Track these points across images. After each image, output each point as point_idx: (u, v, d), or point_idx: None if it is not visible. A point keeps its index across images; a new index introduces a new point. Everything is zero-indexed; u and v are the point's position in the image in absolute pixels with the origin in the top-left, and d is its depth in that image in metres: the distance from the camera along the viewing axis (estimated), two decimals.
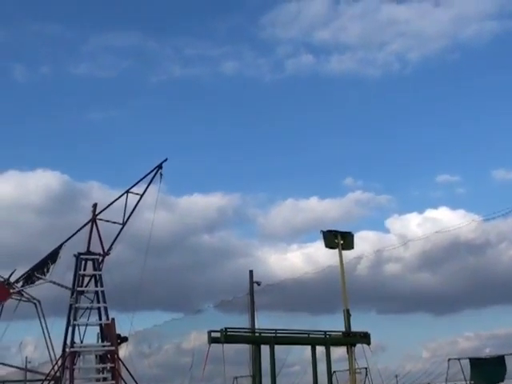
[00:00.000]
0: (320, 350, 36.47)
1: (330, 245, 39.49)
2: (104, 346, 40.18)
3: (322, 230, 39.75)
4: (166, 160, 43.41)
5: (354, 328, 37.61)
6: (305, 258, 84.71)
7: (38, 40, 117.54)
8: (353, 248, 39.91)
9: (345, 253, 39.22)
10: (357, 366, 36.85)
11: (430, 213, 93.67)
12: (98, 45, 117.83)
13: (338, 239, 39.13)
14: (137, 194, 42.93)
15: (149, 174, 43.04)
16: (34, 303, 43.42)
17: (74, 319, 40.04)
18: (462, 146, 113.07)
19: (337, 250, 38.71)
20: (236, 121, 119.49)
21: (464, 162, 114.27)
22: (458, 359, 36.96)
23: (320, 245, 39.77)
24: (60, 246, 41.97)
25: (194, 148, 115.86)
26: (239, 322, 40.02)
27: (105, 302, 40.81)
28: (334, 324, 39.14)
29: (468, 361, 36.82)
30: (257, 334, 36.61)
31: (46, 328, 43.28)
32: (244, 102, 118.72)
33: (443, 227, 44.11)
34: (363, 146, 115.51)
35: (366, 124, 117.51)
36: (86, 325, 41.29)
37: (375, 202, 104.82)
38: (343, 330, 37.43)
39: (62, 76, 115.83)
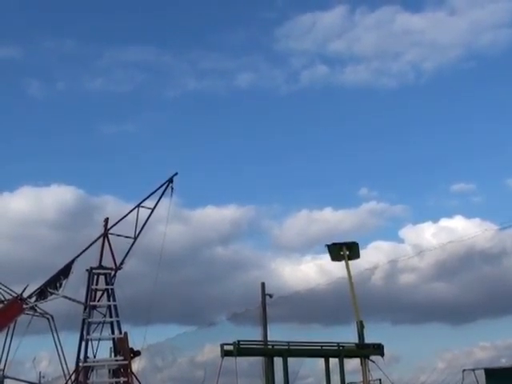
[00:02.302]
0: (333, 361, 36.23)
1: (336, 258, 39.30)
2: (117, 361, 40.25)
3: (326, 244, 39.61)
4: (176, 174, 43.74)
5: (368, 339, 37.38)
6: (318, 270, 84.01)
7: (53, 56, 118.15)
8: (359, 257, 39.68)
9: (359, 263, 39.15)
10: (370, 378, 36.54)
11: (445, 222, 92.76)
12: (113, 60, 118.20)
13: (344, 251, 38.95)
14: (148, 208, 43.10)
15: (159, 188, 43.25)
16: (47, 318, 43.51)
17: (87, 334, 40.20)
18: (477, 155, 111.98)
19: (356, 262, 38.71)
20: (250, 133, 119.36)
21: (479, 170, 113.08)
22: (473, 370, 36.50)
23: None
24: (72, 261, 42.17)
25: (209, 160, 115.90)
26: (252, 334, 39.77)
27: (117, 316, 40.98)
28: (347, 335, 38.89)
29: (483, 371, 36.36)
30: (269, 347, 36.39)
31: (59, 343, 43.35)
32: (259, 114, 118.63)
33: (458, 236, 43.82)
34: (378, 156, 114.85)
35: (380, 134, 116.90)
36: (99, 339, 41.49)
37: (390, 212, 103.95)
38: (357, 341, 37.20)
39: (78, 91, 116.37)
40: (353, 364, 39.09)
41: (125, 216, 43.05)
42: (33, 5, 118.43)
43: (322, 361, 36.28)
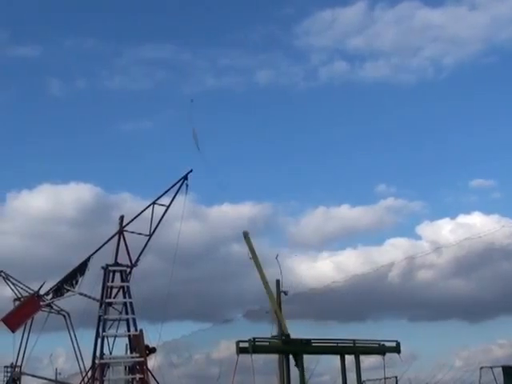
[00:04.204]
0: (349, 358, 36.03)
1: None
2: (133, 358, 40.33)
3: None
4: (191, 171, 43.57)
5: (385, 336, 37.26)
6: (335, 266, 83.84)
7: (73, 54, 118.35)
8: None
9: (375, 259, 38.82)
10: (387, 376, 36.33)
11: (463, 218, 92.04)
12: (132, 57, 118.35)
13: None
14: (163, 205, 43.05)
15: (174, 185, 43.18)
16: (64, 315, 43.82)
17: (103, 331, 40.31)
18: (497, 151, 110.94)
19: (372, 259, 38.42)
20: (268, 129, 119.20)
21: (499, 166, 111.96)
22: (491, 367, 36.09)
23: (350, 253, 39.34)
24: (88, 258, 42.34)
25: (226, 157, 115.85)
26: (268, 330, 39.65)
27: (133, 313, 41.04)
28: (364, 332, 38.72)
29: (501, 369, 35.96)
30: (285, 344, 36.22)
31: (76, 340, 43.75)
32: (277, 111, 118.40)
33: (476, 233, 43.36)
34: (397, 152, 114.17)
35: (399, 130, 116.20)
36: (115, 336, 41.55)
37: (408, 208, 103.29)
38: (374, 338, 37.07)
39: (97, 89, 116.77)
40: (369, 361, 38.94)
41: (140, 213, 43.08)
42: (52, 4, 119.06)
43: (338, 358, 36.10)
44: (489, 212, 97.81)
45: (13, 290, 43.37)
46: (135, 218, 42.83)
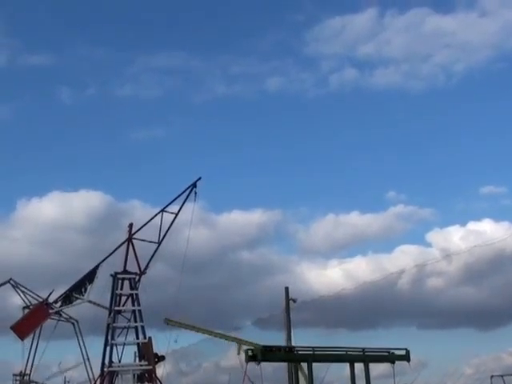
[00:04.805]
0: (359, 367, 35.85)
1: None
2: (141, 365, 40.24)
3: None
4: (199, 179, 43.60)
5: (394, 344, 37.06)
6: (344, 274, 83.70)
7: (84, 63, 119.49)
8: None
9: (385, 266, 38.64)
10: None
11: (473, 225, 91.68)
12: (143, 66, 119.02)
13: None
14: (172, 213, 43.04)
15: (183, 192, 43.19)
16: (72, 323, 43.87)
17: (112, 338, 40.25)
18: (507, 157, 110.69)
19: (382, 266, 38.24)
20: (277, 136, 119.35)
21: (509, 172, 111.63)
22: (502, 376, 35.90)
23: (360, 260, 39.19)
24: (97, 266, 42.31)
25: (235, 165, 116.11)
26: (277, 338, 39.52)
27: (142, 320, 40.98)
28: (373, 340, 38.46)
29: None
30: (294, 352, 36.09)
31: (85, 348, 43.79)
32: (287, 118, 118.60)
33: (486, 239, 43.12)
34: (407, 159, 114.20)
35: (409, 137, 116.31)
36: (124, 344, 41.48)
37: (418, 215, 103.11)
38: (384, 346, 36.94)
39: (108, 97, 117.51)
40: (379, 369, 38.73)
41: (148, 221, 43.06)
42: (65, 13, 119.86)
43: (347, 366, 35.92)
44: (499, 219, 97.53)
45: (22, 297, 43.59)
46: (144, 225, 42.84)
